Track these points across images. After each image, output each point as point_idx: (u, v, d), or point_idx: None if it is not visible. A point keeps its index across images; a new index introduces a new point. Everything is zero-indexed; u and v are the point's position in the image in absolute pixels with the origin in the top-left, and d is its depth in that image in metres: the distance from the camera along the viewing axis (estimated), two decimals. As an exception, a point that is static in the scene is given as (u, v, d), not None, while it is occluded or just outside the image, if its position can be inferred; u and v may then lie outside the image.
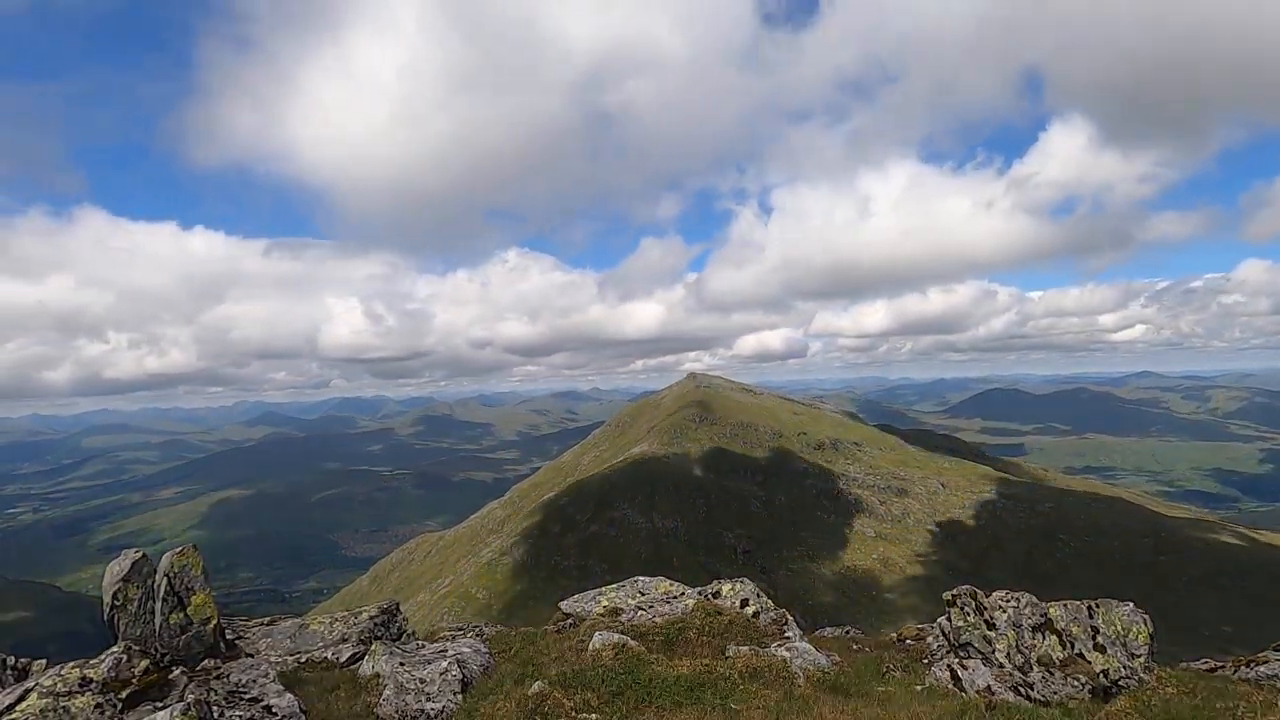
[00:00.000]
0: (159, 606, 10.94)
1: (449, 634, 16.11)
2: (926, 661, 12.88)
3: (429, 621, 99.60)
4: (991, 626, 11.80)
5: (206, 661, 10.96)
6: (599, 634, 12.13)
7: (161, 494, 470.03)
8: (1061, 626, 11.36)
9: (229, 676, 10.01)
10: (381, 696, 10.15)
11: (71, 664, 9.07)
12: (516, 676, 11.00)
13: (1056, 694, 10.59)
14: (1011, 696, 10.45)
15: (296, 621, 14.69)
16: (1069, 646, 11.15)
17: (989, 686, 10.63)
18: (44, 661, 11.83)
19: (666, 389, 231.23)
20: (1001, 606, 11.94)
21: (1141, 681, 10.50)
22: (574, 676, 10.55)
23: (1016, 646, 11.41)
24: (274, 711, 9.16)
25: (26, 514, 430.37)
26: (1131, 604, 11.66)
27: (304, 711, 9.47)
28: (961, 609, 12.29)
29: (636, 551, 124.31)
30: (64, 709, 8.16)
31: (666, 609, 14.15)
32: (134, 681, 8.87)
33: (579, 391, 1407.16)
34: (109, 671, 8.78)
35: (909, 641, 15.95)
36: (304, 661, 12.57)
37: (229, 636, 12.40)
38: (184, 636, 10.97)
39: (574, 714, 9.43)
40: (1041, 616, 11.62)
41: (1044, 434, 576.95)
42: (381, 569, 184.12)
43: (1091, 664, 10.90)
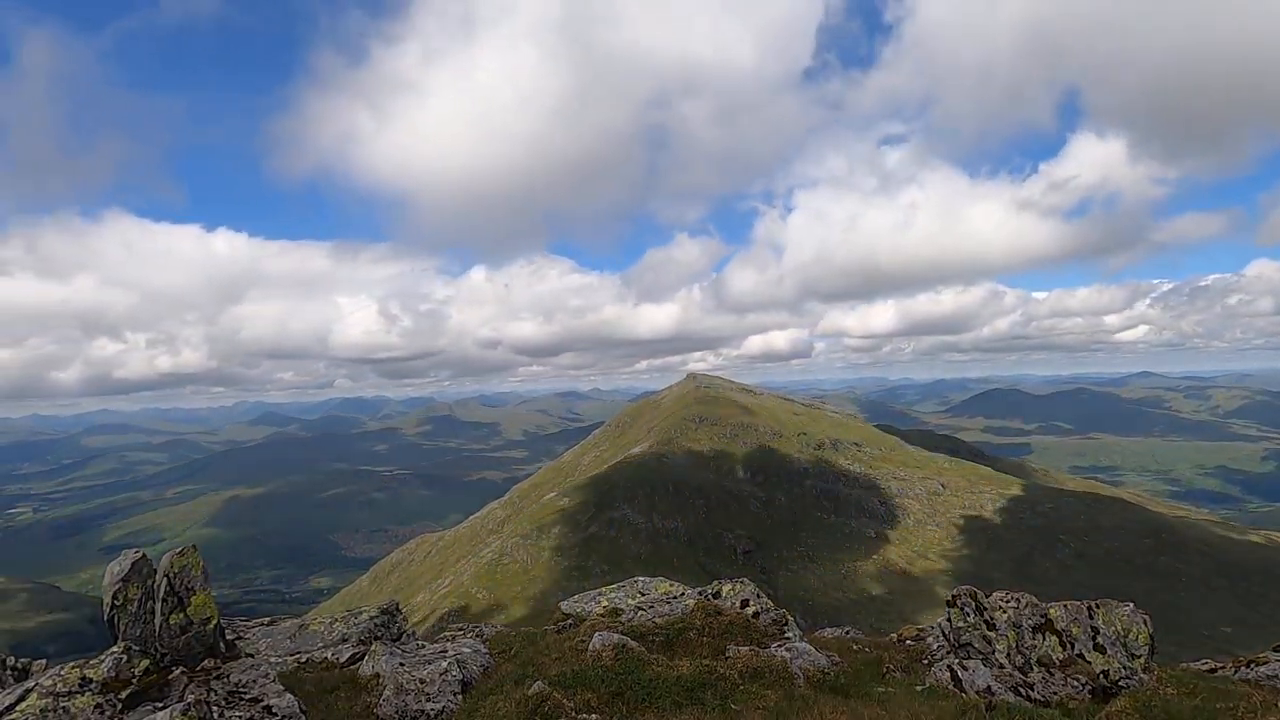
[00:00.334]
0: (159, 607, 10.93)
1: (449, 634, 16.11)
2: (926, 662, 12.88)
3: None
4: (991, 627, 11.80)
5: (206, 662, 10.96)
6: (599, 634, 12.13)
7: (163, 494, 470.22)
8: (1062, 627, 11.36)
9: (229, 677, 10.01)
10: (381, 697, 10.15)
11: (71, 664, 9.08)
12: (516, 677, 11.00)
13: (1056, 694, 10.59)
14: (1011, 697, 10.44)
15: (296, 622, 14.70)
16: (1069, 647, 11.15)
17: (989, 687, 10.63)
18: (44, 661, 11.84)
19: (666, 389, 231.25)
20: (1001, 607, 11.94)
21: (1141, 682, 10.50)
22: (574, 677, 10.55)
23: (1016, 647, 11.41)
24: (274, 712, 9.16)
25: (26, 514, 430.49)
26: (1132, 604, 11.66)
27: (304, 712, 9.47)
28: (961, 609, 12.29)
29: (636, 552, 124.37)
30: (64, 709, 8.16)
31: (666, 609, 14.15)
32: (134, 682, 8.88)
33: (579, 391, 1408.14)
34: (109, 671, 8.79)
35: (909, 642, 15.95)
36: (304, 662, 12.57)
37: (229, 637, 12.38)
38: (184, 637, 10.97)
39: (574, 714, 9.43)
40: (1041, 617, 11.61)
41: (1047, 434, 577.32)
42: (381, 569, 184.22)
43: (1092, 664, 10.89)
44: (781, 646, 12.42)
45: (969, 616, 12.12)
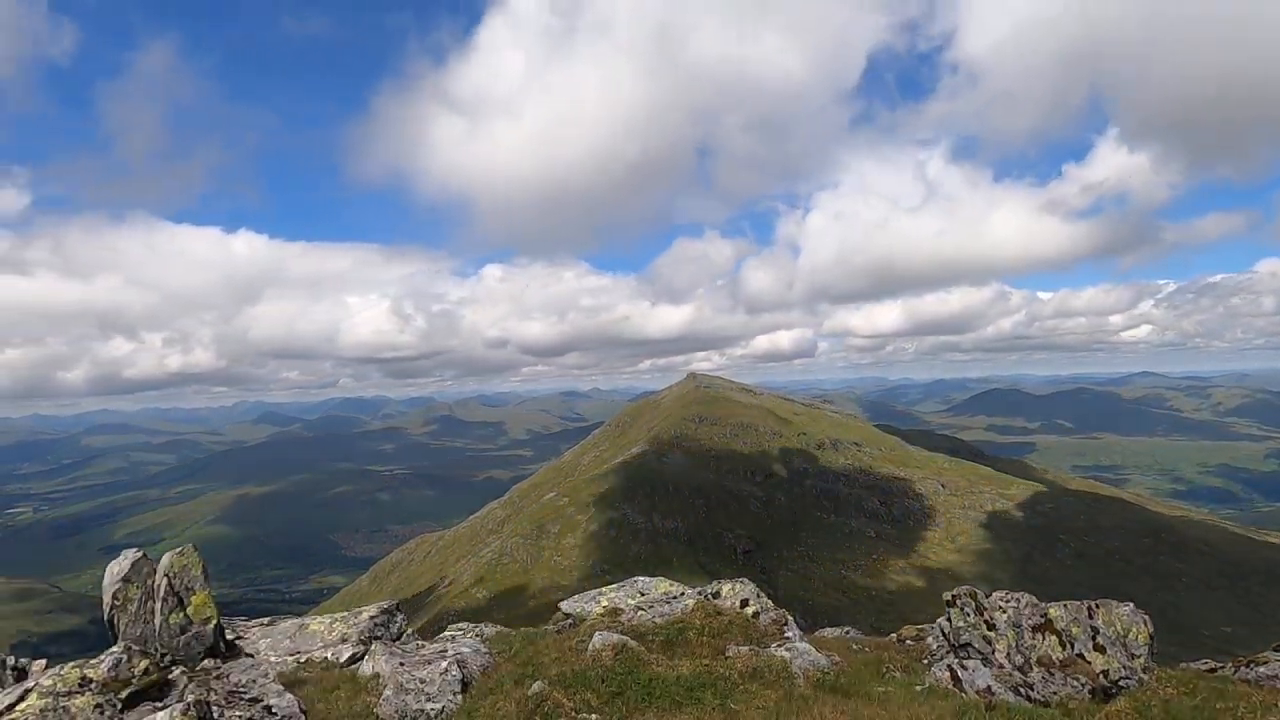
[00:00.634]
0: (159, 606, 10.94)
1: (449, 634, 16.12)
2: (926, 662, 12.88)
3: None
4: (991, 627, 11.80)
5: (206, 661, 10.97)
6: (599, 634, 12.13)
7: (163, 494, 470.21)
8: (1061, 627, 11.35)
9: (229, 676, 10.02)
10: (381, 696, 10.15)
11: (71, 664, 9.08)
12: (516, 677, 11.00)
13: (1056, 694, 10.59)
14: (1011, 697, 10.44)
15: (296, 621, 14.70)
16: (1069, 647, 11.15)
17: (989, 687, 10.63)
18: (44, 661, 11.84)
19: (666, 389, 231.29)
20: (1001, 607, 11.93)
21: (1141, 682, 10.50)
22: (574, 677, 10.55)
23: (1016, 647, 11.41)
24: (274, 711, 9.16)
25: (26, 514, 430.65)
26: (1131, 604, 11.65)
27: (304, 711, 9.48)
28: (961, 609, 12.29)
29: (636, 552, 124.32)
30: (64, 709, 8.16)
31: (666, 609, 14.15)
32: (134, 681, 8.88)
33: (579, 391, 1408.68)
34: (109, 671, 8.79)
35: (909, 642, 15.95)
36: (304, 662, 12.57)
37: (229, 636, 12.40)
38: (184, 636, 10.98)
39: (574, 714, 9.43)
40: (1041, 617, 11.61)
41: (1049, 433, 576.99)
42: (381, 568, 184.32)
43: (1091, 664, 10.89)
44: (781, 646, 12.42)
45: (969, 616, 12.12)
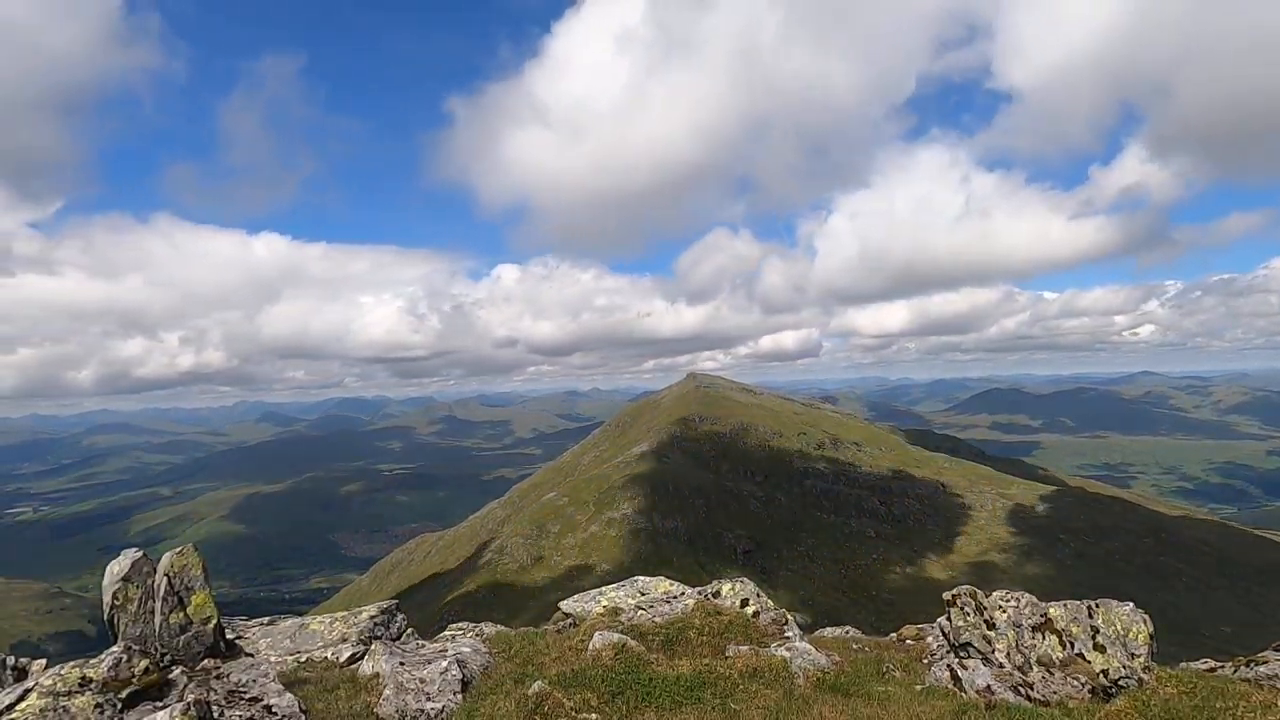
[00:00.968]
0: (159, 606, 10.94)
1: (449, 633, 16.12)
2: (926, 661, 12.88)
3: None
4: (991, 626, 11.80)
5: (206, 661, 10.96)
6: (599, 634, 12.13)
7: (164, 494, 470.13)
8: (1061, 626, 11.35)
9: (229, 676, 10.02)
10: (381, 696, 10.15)
11: (71, 664, 9.08)
12: (516, 676, 11.00)
13: (1056, 694, 10.59)
14: (1011, 696, 10.45)
15: (296, 621, 14.69)
16: (1069, 646, 11.15)
17: (989, 686, 10.63)
18: (44, 661, 11.84)
19: (666, 389, 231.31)
20: (1001, 606, 11.93)
21: (1141, 681, 10.50)
22: (574, 676, 10.55)
23: (1016, 646, 11.41)
24: (274, 711, 9.16)
25: (27, 514, 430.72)
26: (1131, 604, 11.65)
27: (304, 711, 9.47)
28: (961, 609, 12.29)
29: (636, 551, 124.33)
30: (64, 709, 8.16)
31: (666, 609, 14.14)
32: (134, 681, 8.88)
33: (579, 391, 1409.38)
34: (109, 671, 8.79)
35: (909, 641, 15.95)
36: (304, 661, 12.56)
37: (229, 636, 12.39)
38: (184, 636, 10.97)
39: (574, 714, 9.43)
40: (1041, 616, 11.61)
41: (1053, 432, 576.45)
42: (382, 568, 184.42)
43: (1091, 664, 10.89)
44: (781, 646, 12.42)
45: (969, 616, 12.12)
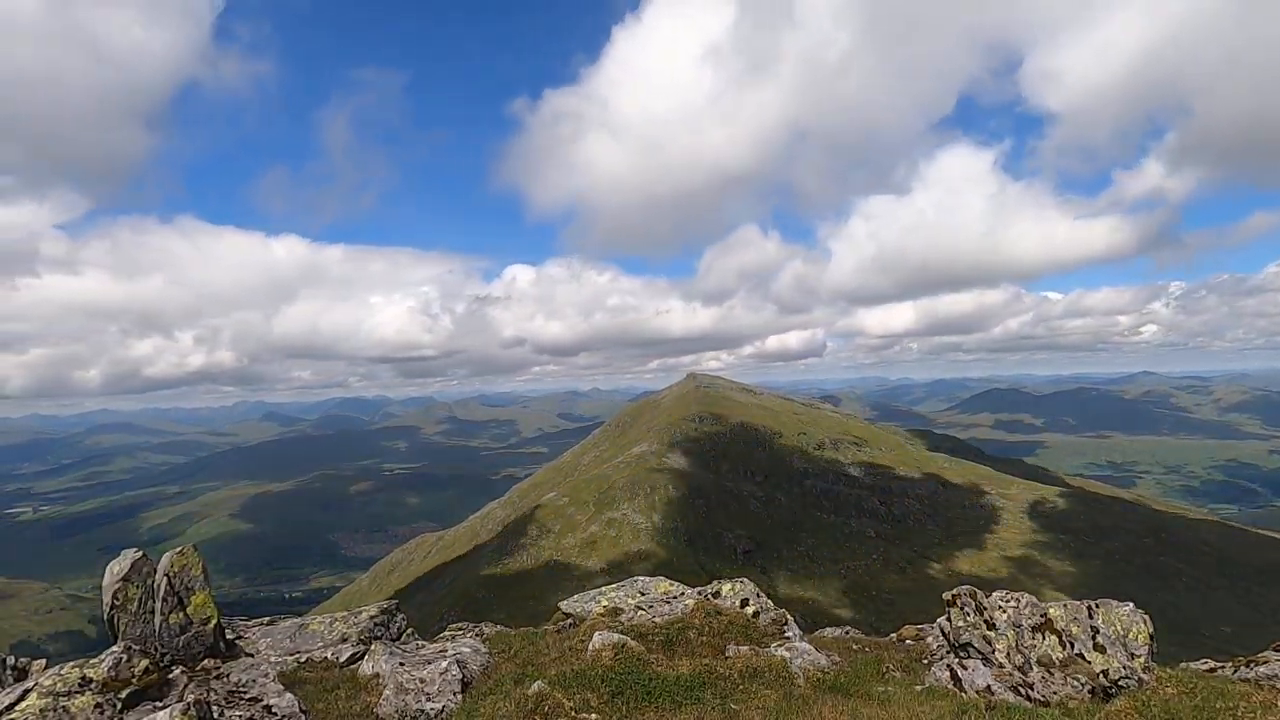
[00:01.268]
0: (159, 606, 10.94)
1: (449, 633, 16.12)
2: (926, 662, 12.88)
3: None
4: (991, 626, 11.79)
5: (206, 661, 10.97)
6: (599, 634, 12.13)
7: (165, 494, 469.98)
8: (1061, 626, 11.35)
9: (229, 676, 10.03)
10: (381, 696, 10.15)
11: (71, 664, 9.08)
12: (516, 676, 11.00)
13: (1056, 694, 10.59)
14: (1011, 696, 10.44)
15: (296, 621, 14.70)
16: (1069, 647, 11.15)
17: (989, 686, 10.63)
18: (44, 661, 11.85)
19: (666, 389, 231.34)
20: (1001, 606, 11.93)
21: (1141, 682, 10.50)
22: (574, 676, 10.55)
23: (1016, 646, 11.41)
24: (274, 711, 9.17)
25: (27, 514, 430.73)
26: (1131, 604, 11.65)
27: (304, 711, 9.48)
28: (961, 609, 12.29)
29: (637, 551, 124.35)
30: (64, 709, 8.16)
31: (666, 609, 14.14)
32: (134, 681, 8.88)
33: (579, 391, 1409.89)
34: (109, 671, 8.79)
35: (909, 642, 15.95)
36: (304, 661, 12.57)
37: (229, 636, 12.40)
38: (184, 636, 10.98)
39: (574, 714, 9.43)
40: (1041, 616, 11.61)
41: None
42: (381, 569, 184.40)
43: (1091, 664, 10.89)
44: (781, 646, 12.42)
45: (969, 616, 12.12)
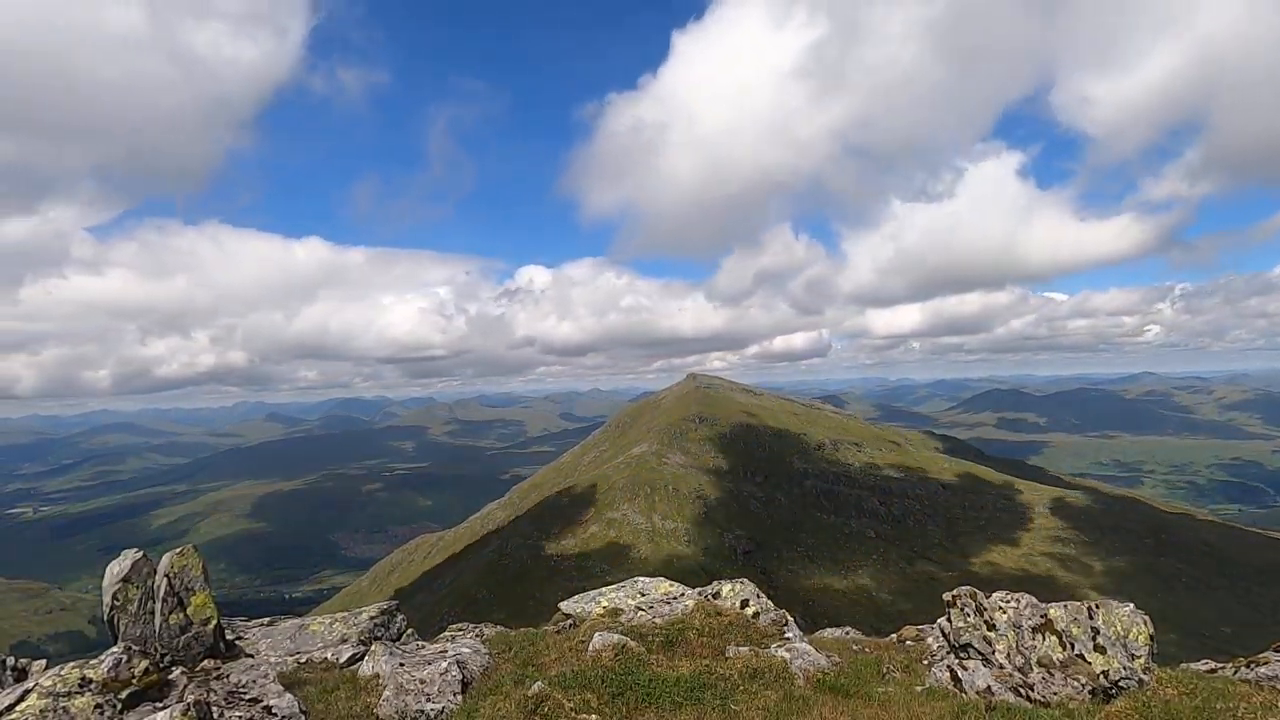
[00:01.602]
0: (159, 607, 10.94)
1: (449, 634, 16.11)
2: (926, 662, 12.88)
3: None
4: (991, 627, 11.79)
5: (206, 662, 10.97)
6: (599, 634, 12.13)
7: (165, 494, 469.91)
8: (1061, 627, 11.34)
9: (229, 677, 10.02)
10: (381, 697, 10.15)
11: (71, 664, 9.07)
12: (516, 677, 11.00)
13: (1056, 695, 10.58)
14: (1011, 697, 10.44)
15: (296, 622, 14.69)
16: (1069, 647, 11.14)
17: (989, 687, 10.62)
18: (44, 662, 11.84)
19: (666, 390, 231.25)
20: (1001, 607, 11.92)
21: (1141, 682, 10.49)
22: (574, 677, 10.54)
23: (1016, 647, 11.40)
24: (274, 712, 9.16)
25: (27, 514, 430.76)
26: (1132, 605, 11.64)
27: (304, 712, 9.47)
28: (961, 610, 12.28)
29: (636, 551, 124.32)
30: (64, 709, 8.16)
31: (666, 610, 14.14)
32: (134, 682, 8.88)
33: (579, 391, 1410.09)
34: (109, 672, 8.79)
35: (909, 642, 15.94)
36: (304, 662, 12.57)
37: (229, 637, 12.39)
38: (184, 637, 10.97)
39: (574, 714, 9.43)
40: (1041, 617, 11.60)
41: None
42: (381, 569, 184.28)
43: (1092, 665, 10.88)
44: (781, 647, 12.41)
45: (969, 617, 12.11)
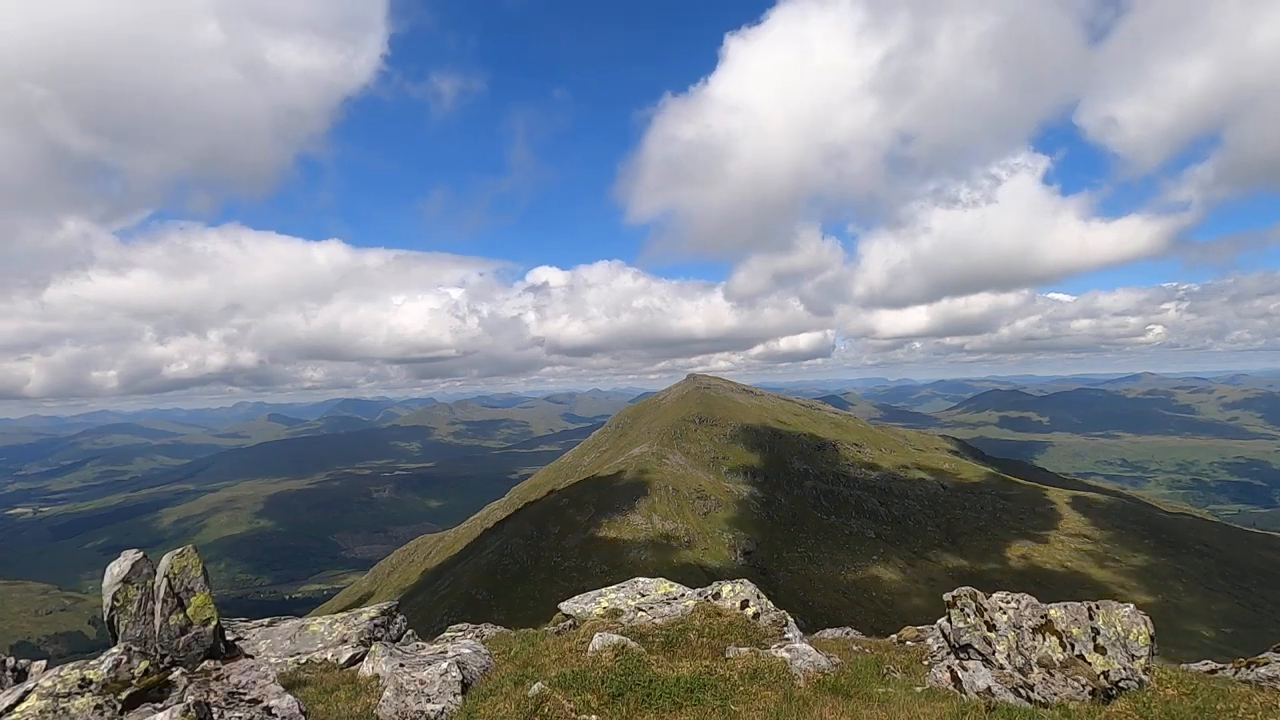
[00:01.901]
0: (159, 607, 10.93)
1: (449, 634, 16.11)
2: (927, 663, 12.87)
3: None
4: (992, 628, 11.78)
5: (206, 663, 10.96)
6: (599, 635, 12.12)
7: (165, 494, 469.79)
8: (1062, 628, 11.33)
9: (229, 678, 10.01)
10: (381, 698, 10.14)
11: (71, 665, 9.06)
12: (516, 678, 10.99)
13: (1057, 695, 10.58)
14: (1012, 698, 10.43)
15: (296, 623, 14.69)
16: (1069, 648, 11.13)
17: (989, 688, 10.62)
18: (44, 663, 11.83)
19: (666, 390, 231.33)
20: (1002, 608, 11.92)
21: (1142, 683, 10.48)
22: (574, 678, 10.54)
23: (1017, 648, 11.39)
24: (274, 712, 9.16)
25: (27, 514, 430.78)
26: (1132, 605, 11.63)
27: (304, 713, 9.47)
28: (962, 610, 12.27)
29: (636, 552, 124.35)
30: (63, 710, 8.15)
31: (666, 610, 14.13)
32: (134, 682, 8.87)
33: (578, 393, 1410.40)
34: (108, 673, 8.78)
35: (909, 643, 15.94)
36: (304, 663, 12.57)
37: (229, 637, 12.38)
38: (184, 638, 10.97)
39: (574, 715, 9.42)
40: (1042, 618, 11.59)
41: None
42: (381, 569, 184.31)
43: (1092, 665, 10.87)
44: (782, 647, 12.41)
45: (969, 617, 12.11)
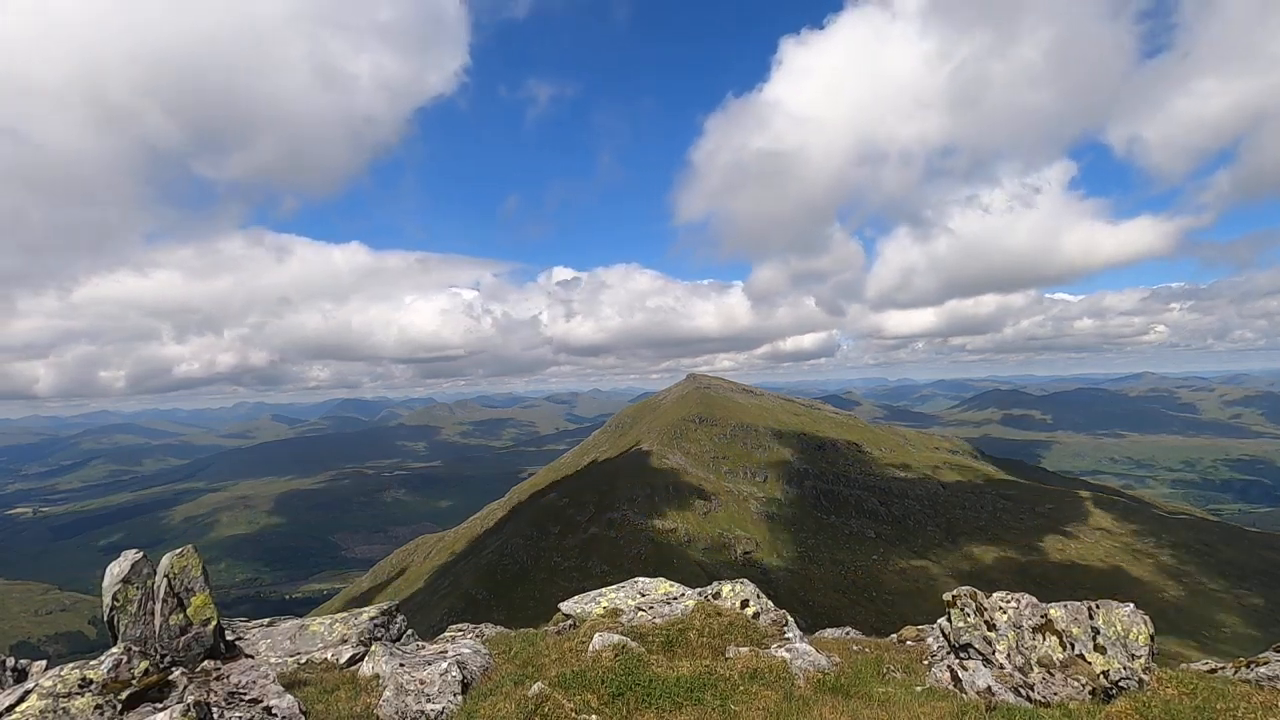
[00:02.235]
0: (159, 607, 10.93)
1: (449, 634, 16.11)
2: (926, 662, 12.87)
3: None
4: (992, 627, 11.78)
5: (206, 663, 10.96)
6: (599, 635, 12.12)
7: (165, 494, 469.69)
8: (1062, 627, 11.33)
9: (229, 677, 10.01)
10: (381, 698, 10.14)
11: (71, 665, 9.06)
12: (516, 678, 11.00)
13: (1057, 695, 10.58)
14: (1012, 697, 10.44)
15: (296, 622, 14.69)
16: (1069, 647, 11.13)
17: (989, 687, 10.62)
18: (44, 663, 11.83)
19: (666, 390, 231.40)
20: (1002, 607, 11.92)
21: (1142, 682, 10.48)
22: (574, 678, 10.54)
23: (1017, 647, 11.40)
24: (274, 712, 9.16)
25: (27, 514, 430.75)
26: (1132, 605, 11.63)
27: (304, 713, 9.47)
28: (962, 610, 12.27)
29: (636, 552, 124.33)
30: (64, 710, 8.15)
31: (667, 610, 14.13)
32: (134, 682, 8.87)
33: (579, 393, 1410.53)
34: (109, 673, 8.78)
35: (909, 642, 15.95)
36: (304, 662, 12.57)
37: (229, 637, 12.39)
38: (184, 638, 10.97)
39: (574, 715, 9.42)
40: (1042, 617, 11.59)
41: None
42: (381, 569, 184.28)
43: (1092, 665, 10.87)
44: (782, 647, 12.41)
45: (969, 617, 12.11)
